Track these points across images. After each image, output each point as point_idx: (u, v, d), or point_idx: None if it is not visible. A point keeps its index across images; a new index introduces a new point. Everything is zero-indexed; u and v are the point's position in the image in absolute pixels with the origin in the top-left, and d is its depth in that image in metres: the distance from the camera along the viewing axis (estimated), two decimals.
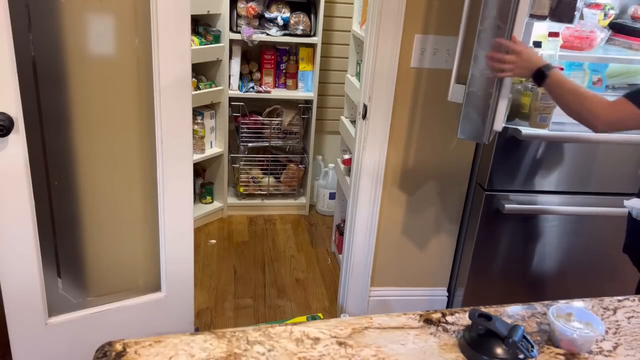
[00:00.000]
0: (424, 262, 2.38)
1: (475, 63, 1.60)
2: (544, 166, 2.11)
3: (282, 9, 2.98)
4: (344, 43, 3.25)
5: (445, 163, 2.21)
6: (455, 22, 1.99)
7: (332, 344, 0.98)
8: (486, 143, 1.74)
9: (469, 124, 1.65)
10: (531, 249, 2.25)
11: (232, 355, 0.93)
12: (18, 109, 1.48)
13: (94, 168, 1.75)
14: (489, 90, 1.60)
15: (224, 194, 3.28)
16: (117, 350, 0.92)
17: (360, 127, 2.13)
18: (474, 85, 1.62)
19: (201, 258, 2.85)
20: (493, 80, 1.59)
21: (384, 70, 2.01)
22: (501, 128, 1.68)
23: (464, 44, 1.74)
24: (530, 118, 1.78)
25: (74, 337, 1.80)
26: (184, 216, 1.86)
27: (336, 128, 3.24)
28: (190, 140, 1.78)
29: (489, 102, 1.61)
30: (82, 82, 1.64)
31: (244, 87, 3.09)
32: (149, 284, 1.94)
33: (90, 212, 1.80)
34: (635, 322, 1.13)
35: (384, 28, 1.96)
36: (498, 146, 2.06)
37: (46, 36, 1.55)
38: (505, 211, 2.11)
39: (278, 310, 2.51)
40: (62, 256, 1.79)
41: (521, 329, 0.95)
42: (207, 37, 2.90)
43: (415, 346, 1.00)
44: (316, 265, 2.89)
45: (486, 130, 1.64)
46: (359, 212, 2.22)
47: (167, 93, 1.68)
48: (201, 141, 3.04)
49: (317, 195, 3.48)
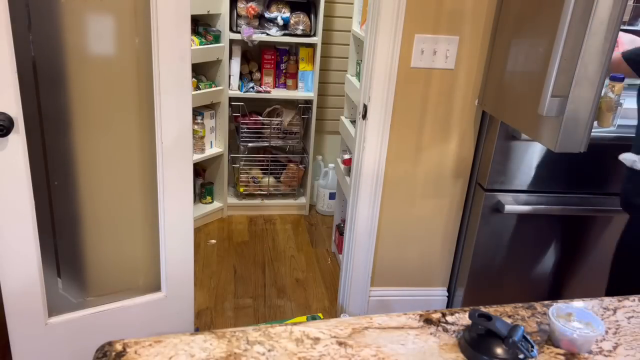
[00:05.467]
0: (424, 262, 2.38)
1: (579, 73, 1.50)
2: (544, 166, 2.11)
3: (282, 9, 2.98)
4: (344, 43, 3.25)
5: (445, 163, 2.21)
6: (456, 22, 1.99)
7: (332, 344, 0.98)
8: (584, 151, 1.65)
9: (568, 138, 1.57)
10: (531, 249, 2.25)
11: (232, 355, 0.93)
12: (18, 109, 1.48)
13: (94, 168, 1.75)
14: (591, 100, 1.52)
15: (224, 194, 3.28)
16: (117, 350, 0.92)
17: (360, 127, 2.13)
18: (576, 98, 1.52)
19: (201, 258, 2.85)
20: (595, 91, 1.52)
21: (384, 70, 2.01)
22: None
23: (562, 52, 1.53)
24: (600, 118, 1.77)
25: (74, 337, 1.80)
26: (184, 216, 1.86)
27: (336, 128, 3.25)
28: (190, 140, 1.78)
29: (589, 112, 1.54)
30: (82, 82, 1.64)
31: (244, 87, 3.09)
32: (149, 284, 1.94)
33: (90, 212, 1.80)
34: (635, 322, 1.13)
35: (384, 28, 1.95)
36: (498, 146, 2.06)
37: (46, 36, 1.55)
38: (505, 211, 2.11)
39: (278, 310, 2.51)
40: (62, 256, 1.79)
41: (521, 329, 0.94)
42: (207, 37, 2.90)
43: (415, 346, 1.00)
44: (316, 265, 2.89)
45: (584, 139, 1.58)
46: (359, 212, 2.22)
47: (167, 93, 1.68)
48: (201, 141, 3.04)
49: (317, 195, 3.48)
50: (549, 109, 1.55)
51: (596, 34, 1.45)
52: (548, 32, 1.59)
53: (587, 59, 1.48)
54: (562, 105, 1.53)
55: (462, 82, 2.08)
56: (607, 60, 1.49)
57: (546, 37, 1.61)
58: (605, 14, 1.44)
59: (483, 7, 1.99)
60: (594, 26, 1.45)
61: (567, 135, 1.57)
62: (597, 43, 1.47)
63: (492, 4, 1.98)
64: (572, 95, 1.52)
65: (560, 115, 1.55)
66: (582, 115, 1.54)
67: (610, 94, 1.70)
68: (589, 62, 1.48)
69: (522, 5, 1.79)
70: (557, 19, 1.47)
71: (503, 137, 2.05)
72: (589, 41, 1.46)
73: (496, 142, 2.05)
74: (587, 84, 1.51)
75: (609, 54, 1.48)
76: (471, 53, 2.05)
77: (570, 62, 1.49)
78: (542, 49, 1.63)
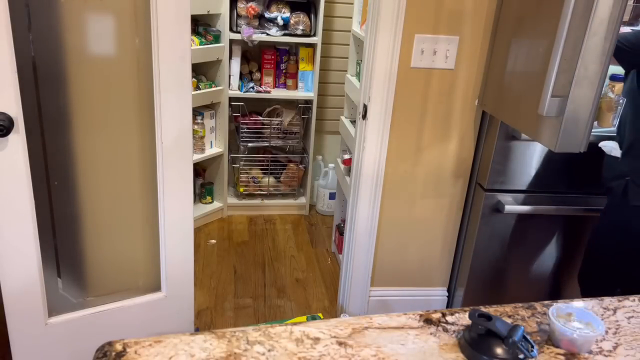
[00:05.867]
0: (424, 262, 2.38)
1: (579, 73, 1.50)
2: (544, 166, 2.11)
3: (282, 9, 2.98)
4: (344, 43, 3.25)
5: (445, 163, 2.21)
6: (456, 22, 1.99)
7: (332, 344, 0.98)
8: (584, 151, 1.65)
9: (568, 138, 1.57)
10: (531, 249, 2.25)
11: (232, 355, 0.93)
12: (18, 109, 1.48)
13: (94, 168, 1.75)
14: (591, 100, 1.52)
15: (224, 194, 3.28)
16: (117, 350, 0.92)
17: (360, 127, 2.13)
18: (576, 98, 1.52)
19: (201, 258, 2.85)
20: (595, 91, 1.52)
21: (384, 70, 2.01)
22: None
23: (562, 52, 1.52)
24: (600, 118, 1.78)
25: (74, 337, 1.80)
26: (184, 216, 1.86)
27: (336, 128, 3.25)
28: (190, 140, 1.78)
29: (589, 112, 1.54)
30: (82, 82, 1.64)
31: (244, 87, 3.09)
32: (149, 284, 1.94)
33: (90, 212, 1.80)
34: (635, 322, 1.13)
35: (384, 28, 1.95)
36: (498, 146, 2.06)
37: (46, 36, 1.55)
38: (505, 211, 2.11)
39: (278, 310, 2.51)
40: (62, 256, 1.79)
41: (521, 329, 0.94)
42: (207, 37, 2.90)
43: (415, 346, 1.00)
44: (316, 265, 2.89)
45: (584, 139, 1.58)
46: (359, 212, 2.22)
47: (167, 93, 1.68)
48: (201, 141, 3.04)
49: (317, 195, 3.48)
50: (549, 109, 1.55)
51: (596, 34, 1.45)
52: (548, 32, 1.59)
53: (587, 59, 1.48)
54: (562, 105, 1.53)
55: (462, 82, 2.08)
56: (607, 60, 1.49)
57: (546, 37, 1.60)
58: (605, 14, 1.44)
59: (483, 7, 1.99)
60: (594, 26, 1.45)
61: (567, 135, 1.57)
62: (597, 43, 1.47)
63: (492, 4, 1.98)
64: (572, 95, 1.52)
65: (560, 115, 1.54)
66: (582, 115, 1.54)
67: (610, 94, 1.71)
68: (589, 62, 1.48)
69: (522, 6, 1.79)
70: (557, 19, 1.47)
71: (503, 137, 2.05)
72: (589, 41, 1.46)
73: (496, 142, 2.05)
74: (587, 84, 1.51)
75: (609, 54, 1.48)
76: (471, 53, 2.05)
77: (570, 62, 1.49)
78: (542, 49, 1.63)
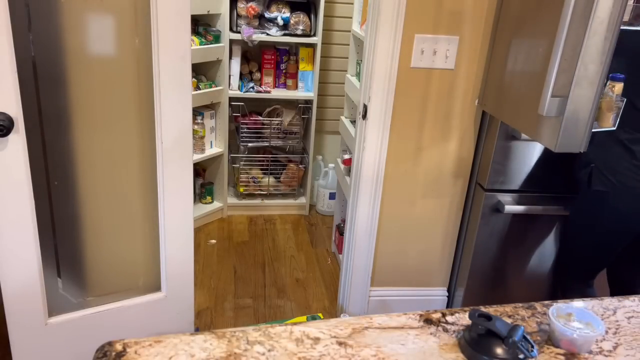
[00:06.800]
0: (424, 262, 2.38)
1: (579, 73, 1.50)
2: (544, 166, 2.11)
3: (282, 9, 2.98)
4: (344, 43, 3.25)
5: (445, 163, 2.21)
6: (456, 22, 1.99)
7: (332, 344, 0.98)
8: (583, 151, 1.65)
9: (568, 138, 1.57)
10: (531, 249, 2.25)
11: (232, 355, 0.93)
12: (18, 109, 1.48)
13: (94, 168, 1.75)
14: (591, 100, 1.52)
15: (224, 194, 3.28)
16: (117, 350, 0.92)
17: (360, 127, 2.13)
18: (576, 98, 1.51)
19: (201, 258, 2.85)
20: (595, 91, 1.52)
21: (384, 70, 2.01)
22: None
23: (562, 52, 1.52)
24: (600, 118, 1.77)
25: (74, 337, 1.80)
26: (184, 216, 1.86)
27: (336, 128, 3.25)
28: (190, 140, 1.78)
29: (589, 112, 1.54)
30: (82, 82, 1.64)
31: (244, 87, 3.09)
32: (149, 284, 1.94)
33: (90, 212, 1.80)
34: (635, 322, 1.13)
35: (384, 28, 1.95)
36: (498, 146, 2.06)
37: (46, 36, 1.55)
38: (505, 211, 2.11)
39: (278, 310, 2.51)
40: (62, 256, 1.79)
41: (521, 329, 0.94)
42: (207, 37, 2.90)
43: (415, 346, 1.00)
44: (316, 265, 2.89)
45: (584, 139, 1.58)
46: (359, 212, 2.22)
47: (167, 93, 1.68)
48: (201, 141, 3.04)
49: (317, 195, 3.48)
50: (549, 109, 1.54)
51: (596, 34, 1.45)
52: (548, 32, 1.59)
53: (587, 59, 1.48)
54: (562, 105, 1.53)
55: (462, 82, 2.08)
56: (607, 60, 1.49)
57: (546, 37, 1.60)
58: (605, 14, 1.44)
59: (483, 7, 1.99)
60: (594, 26, 1.45)
61: (567, 135, 1.57)
62: (597, 43, 1.46)
63: (492, 4, 1.98)
64: (572, 95, 1.51)
65: (560, 115, 1.54)
66: (582, 115, 1.54)
67: (610, 93, 1.70)
68: (589, 62, 1.48)
69: (522, 6, 1.79)
70: (557, 19, 1.47)
71: (503, 137, 2.05)
72: (589, 41, 1.46)
73: (496, 142, 2.05)
74: (587, 84, 1.51)
75: (609, 54, 1.48)
76: (471, 53, 2.05)
77: (570, 62, 1.49)
78: (542, 49, 1.63)
